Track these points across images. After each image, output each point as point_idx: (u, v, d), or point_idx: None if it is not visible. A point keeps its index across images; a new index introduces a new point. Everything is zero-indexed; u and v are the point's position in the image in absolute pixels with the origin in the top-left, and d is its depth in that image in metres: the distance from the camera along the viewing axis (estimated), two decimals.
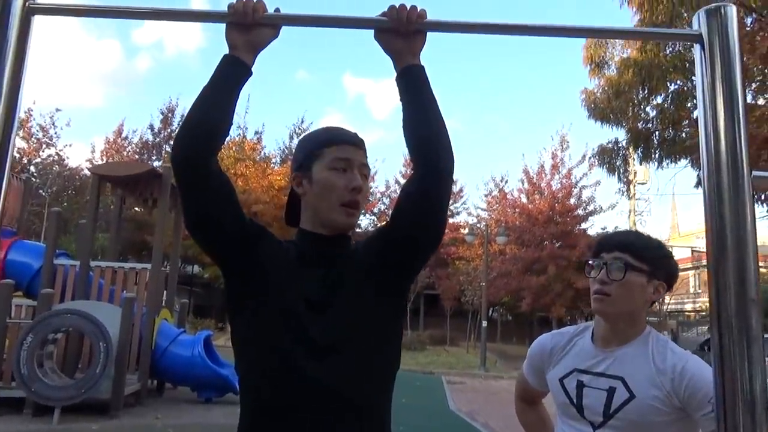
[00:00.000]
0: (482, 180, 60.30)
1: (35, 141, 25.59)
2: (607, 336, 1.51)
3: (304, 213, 1.29)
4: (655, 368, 1.41)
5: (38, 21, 0.91)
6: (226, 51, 1.17)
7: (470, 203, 43.68)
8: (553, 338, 1.65)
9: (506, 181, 29.04)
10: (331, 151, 1.25)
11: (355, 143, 1.29)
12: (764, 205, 10.60)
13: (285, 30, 1.12)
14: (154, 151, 29.56)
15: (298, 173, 1.28)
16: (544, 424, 1.81)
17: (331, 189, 1.23)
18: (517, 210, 26.13)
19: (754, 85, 9.53)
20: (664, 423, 1.39)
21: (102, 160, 26.79)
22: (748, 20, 8.48)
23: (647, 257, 1.48)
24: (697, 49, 0.80)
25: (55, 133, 25.85)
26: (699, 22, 0.81)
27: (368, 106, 58.18)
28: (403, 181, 32.27)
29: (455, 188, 32.47)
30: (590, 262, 1.54)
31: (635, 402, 1.40)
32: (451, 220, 32.01)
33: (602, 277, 1.47)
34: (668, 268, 1.52)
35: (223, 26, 1.12)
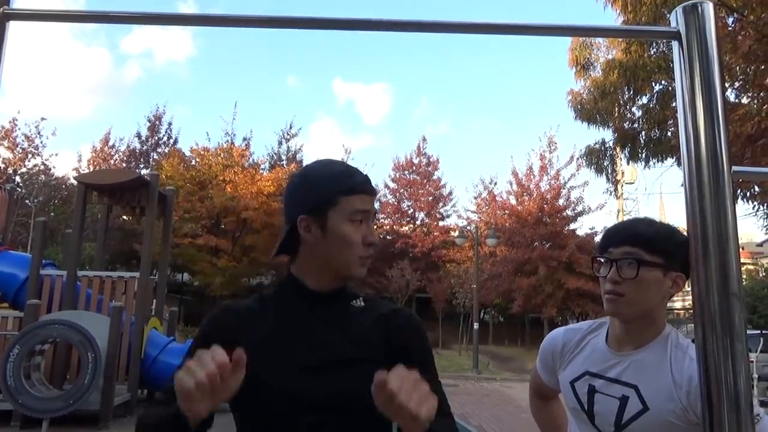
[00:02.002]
0: (471, 182, 60.65)
1: (20, 151, 25.35)
2: (622, 337, 1.38)
3: (308, 259, 1.19)
4: (673, 379, 1.28)
5: (18, 28, 0.90)
6: (213, 64, 1.11)
7: (460, 206, 43.91)
8: (565, 334, 1.52)
9: (495, 183, 29.26)
10: (350, 202, 1.15)
11: (371, 192, 1.20)
12: (750, 202, 10.71)
13: (276, 35, 1.10)
14: (141, 159, 29.38)
15: (308, 217, 1.15)
16: (558, 425, 1.69)
17: (350, 244, 1.15)
18: (506, 212, 26.26)
19: (737, 84, 9.64)
20: None
21: (89, 169, 26.57)
22: (730, 20, 8.59)
23: (660, 249, 1.31)
24: (675, 46, 0.80)
25: (41, 142, 25.64)
26: (677, 20, 0.81)
27: (358, 111, 58.28)
28: (392, 185, 32.33)
29: (444, 191, 32.57)
30: (598, 258, 1.38)
31: (648, 415, 1.28)
32: (441, 223, 32.07)
33: (613, 276, 1.32)
34: (685, 255, 1.34)
35: (213, 30, 1.10)
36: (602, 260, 1.37)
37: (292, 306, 1.18)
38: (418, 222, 32.13)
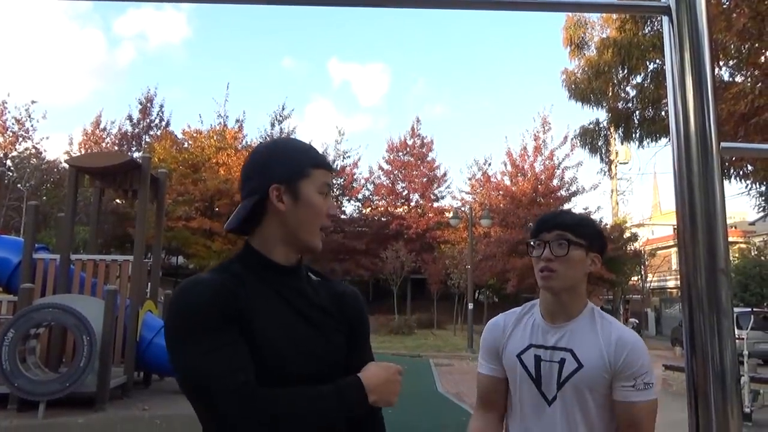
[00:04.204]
0: (466, 163, 60.62)
1: (11, 134, 25.10)
2: (554, 310, 1.62)
3: (274, 231, 1.20)
4: (602, 340, 1.54)
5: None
6: (209, 46, 1.11)
7: (454, 187, 43.88)
8: (505, 317, 1.76)
9: (489, 164, 29.28)
10: (320, 175, 1.23)
11: (334, 170, 1.31)
12: (743, 181, 10.75)
13: (272, 18, 1.06)
14: (133, 142, 29.17)
15: (281, 186, 1.19)
16: None
17: (318, 213, 1.21)
18: (500, 192, 26.27)
19: (731, 62, 9.61)
20: (607, 391, 1.53)
21: (80, 152, 26.36)
22: None
23: (584, 233, 1.61)
24: (665, 22, 0.79)
25: (32, 125, 25.39)
26: None
27: (354, 92, 58.07)
28: (386, 167, 32.24)
29: (439, 173, 32.50)
30: (532, 242, 1.64)
31: (583, 371, 1.53)
32: (435, 204, 32.09)
33: (547, 255, 1.58)
34: (601, 241, 1.66)
35: (209, 12, 1.07)
36: (535, 243, 1.62)
37: (262, 280, 1.19)
38: (412, 203, 32.14)
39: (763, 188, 12.33)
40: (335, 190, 30.53)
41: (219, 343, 1.06)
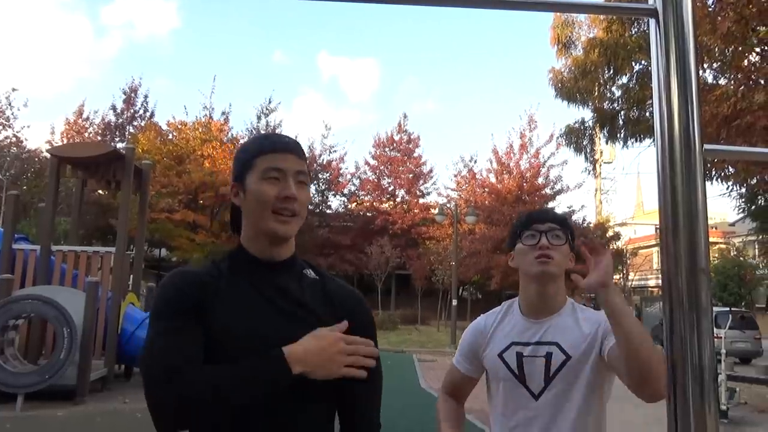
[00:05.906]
0: (452, 160, 60.80)
1: None
2: (539, 305, 1.67)
3: (245, 227, 1.28)
4: (586, 328, 1.60)
5: None
6: (198, 37, 1.11)
7: (440, 183, 43.99)
8: (486, 318, 1.80)
9: (475, 161, 29.34)
10: (262, 161, 1.22)
11: (288, 150, 1.25)
12: (724, 182, 10.90)
13: (262, 10, 1.05)
14: (117, 133, 28.79)
15: (235, 184, 1.27)
16: (459, 417, 1.84)
17: (263, 200, 1.20)
18: (486, 190, 26.39)
19: (715, 65, 9.72)
20: (593, 375, 1.57)
21: (62, 141, 25.97)
22: (710, 0, 8.62)
23: (569, 230, 1.70)
24: (651, 24, 0.80)
25: (12, 113, 24.98)
26: None
27: (343, 87, 57.91)
28: (373, 162, 32.22)
29: (425, 169, 32.55)
30: (524, 233, 1.68)
31: (571, 362, 1.57)
32: (421, 200, 32.13)
33: (545, 243, 1.63)
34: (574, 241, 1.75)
35: (198, 1, 1.06)
36: (527, 234, 1.67)
37: (241, 274, 1.22)
38: (398, 199, 32.15)
39: (744, 190, 12.53)
40: (321, 184, 30.43)
41: (167, 329, 1.12)
